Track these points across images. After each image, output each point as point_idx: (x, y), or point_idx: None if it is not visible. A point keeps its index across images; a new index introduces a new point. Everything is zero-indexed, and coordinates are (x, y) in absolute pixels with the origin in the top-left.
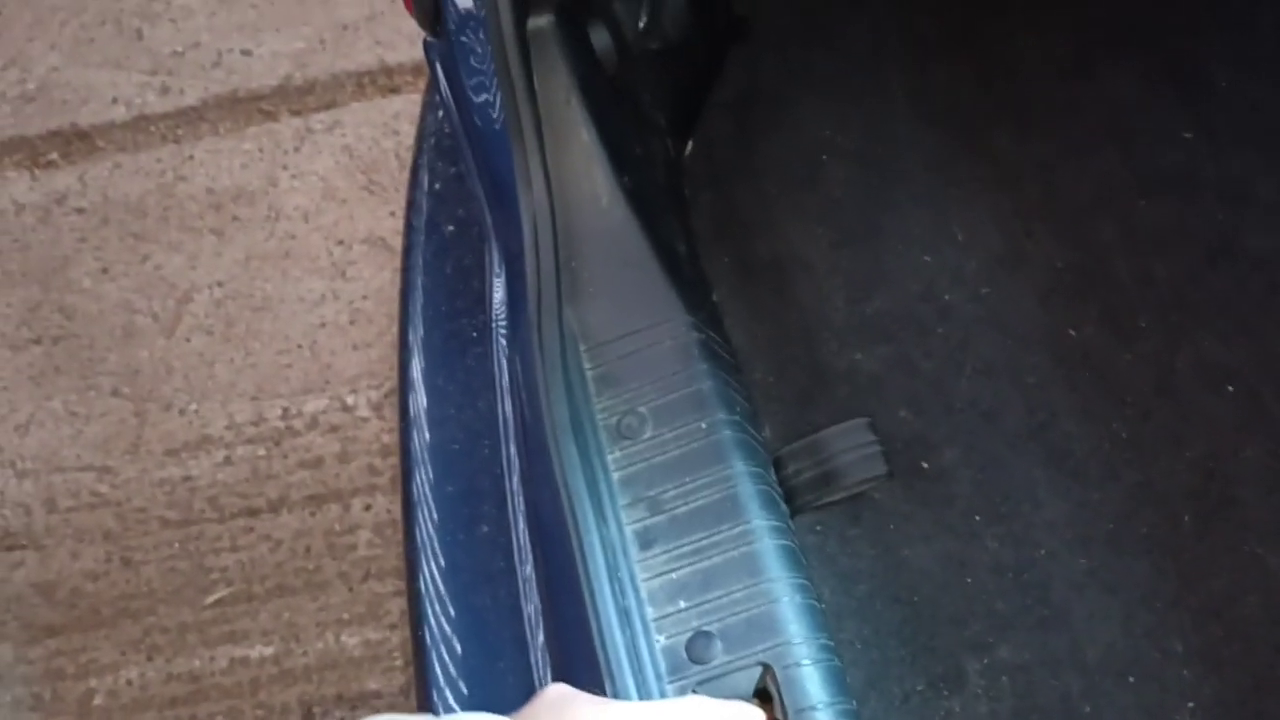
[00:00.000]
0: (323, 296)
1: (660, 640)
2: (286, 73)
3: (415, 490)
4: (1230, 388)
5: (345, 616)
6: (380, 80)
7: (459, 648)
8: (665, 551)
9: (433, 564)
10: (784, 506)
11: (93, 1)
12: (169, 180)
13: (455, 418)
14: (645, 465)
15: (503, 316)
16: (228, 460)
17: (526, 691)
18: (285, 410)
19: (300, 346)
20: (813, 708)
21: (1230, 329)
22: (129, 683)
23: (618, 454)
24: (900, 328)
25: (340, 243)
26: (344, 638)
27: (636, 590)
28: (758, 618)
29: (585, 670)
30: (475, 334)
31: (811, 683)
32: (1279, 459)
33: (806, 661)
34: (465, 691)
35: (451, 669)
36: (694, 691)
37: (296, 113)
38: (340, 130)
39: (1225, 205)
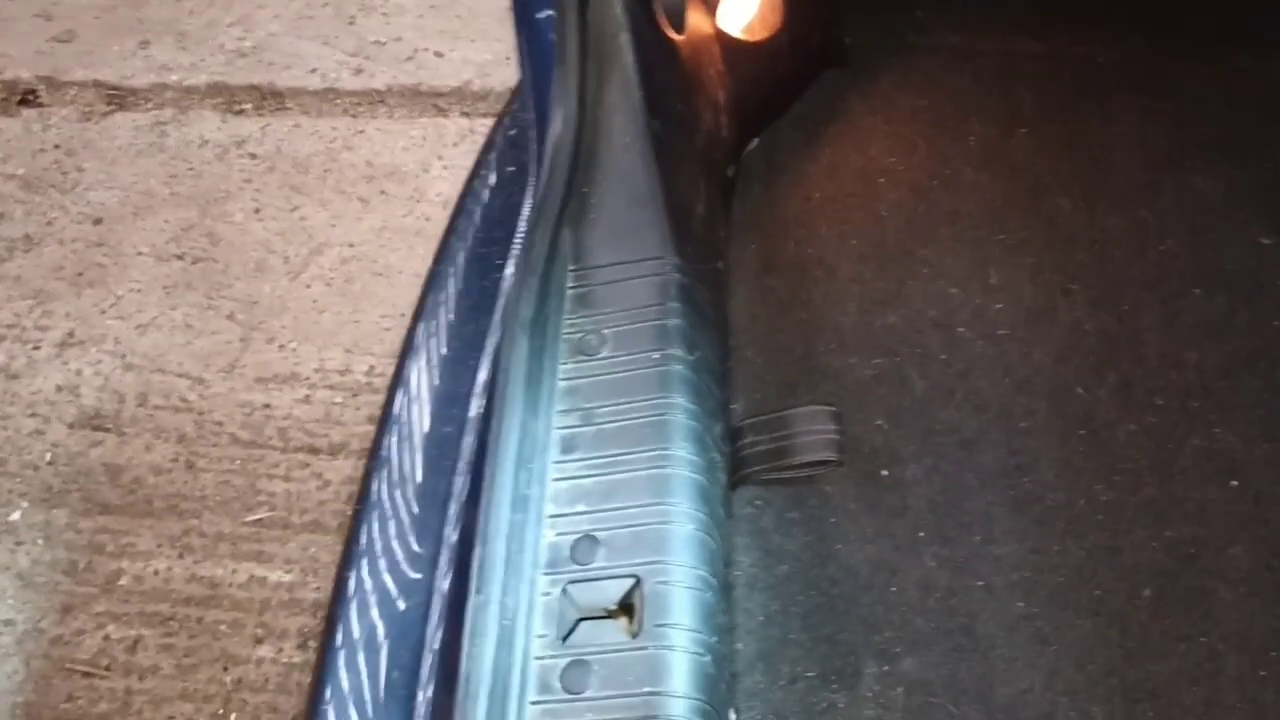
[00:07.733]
0: None
1: (549, 535)
2: (468, 78)
3: (384, 445)
4: (1234, 483)
5: None
6: None
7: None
8: (582, 459)
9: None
10: (714, 454)
11: None
12: (337, 147)
13: (454, 327)
14: (591, 381)
15: (520, 238)
16: (307, 399)
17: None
18: (371, 368)
19: (403, 315)
20: (670, 625)
21: (1251, 428)
22: (156, 573)
23: (570, 366)
24: (904, 345)
25: None
26: None
27: (543, 484)
28: (644, 534)
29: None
30: (499, 261)
31: (677, 604)
32: (1269, 567)
33: (678, 584)
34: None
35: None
36: (565, 589)
37: (466, 114)
38: None
39: None
